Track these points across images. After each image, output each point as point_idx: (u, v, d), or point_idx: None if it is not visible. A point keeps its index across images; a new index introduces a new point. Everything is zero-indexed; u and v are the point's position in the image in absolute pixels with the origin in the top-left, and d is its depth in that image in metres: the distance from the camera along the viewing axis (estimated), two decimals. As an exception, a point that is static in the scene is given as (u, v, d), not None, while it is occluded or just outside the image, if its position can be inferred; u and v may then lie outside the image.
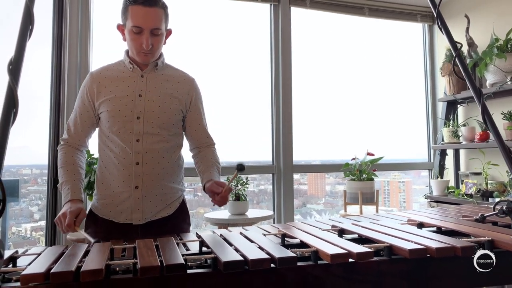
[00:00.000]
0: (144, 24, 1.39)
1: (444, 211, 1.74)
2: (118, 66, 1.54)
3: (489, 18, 3.14)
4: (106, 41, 2.99)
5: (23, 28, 0.66)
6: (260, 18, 3.44)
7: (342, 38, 3.68)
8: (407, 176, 4.02)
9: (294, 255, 0.92)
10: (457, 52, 0.91)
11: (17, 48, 0.64)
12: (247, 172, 3.19)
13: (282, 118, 3.32)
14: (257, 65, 3.41)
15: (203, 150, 1.64)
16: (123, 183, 1.46)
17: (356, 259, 0.93)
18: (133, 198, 1.46)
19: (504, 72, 2.80)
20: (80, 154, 1.54)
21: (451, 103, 3.45)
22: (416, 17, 3.79)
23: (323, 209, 3.77)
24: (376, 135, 3.67)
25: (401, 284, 1.00)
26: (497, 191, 2.87)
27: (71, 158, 1.49)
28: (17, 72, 0.62)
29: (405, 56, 3.90)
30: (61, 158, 1.50)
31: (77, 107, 1.54)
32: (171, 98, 1.51)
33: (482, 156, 3.04)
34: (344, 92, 3.62)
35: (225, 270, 0.88)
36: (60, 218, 1.35)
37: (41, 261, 0.94)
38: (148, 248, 1.01)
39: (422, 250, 0.97)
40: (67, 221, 1.32)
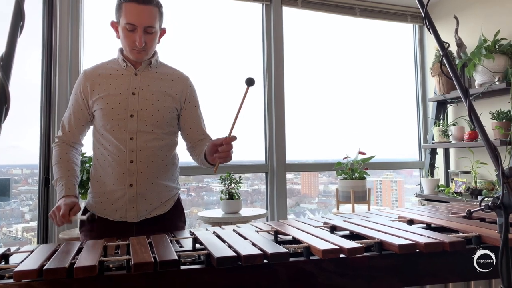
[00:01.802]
0: (137, 22, 1.39)
1: (434, 208, 1.77)
2: (112, 64, 1.54)
3: (477, 20, 3.19)
4: (97, 40, 2.98)
5: (14, 24, 0.66)
6: (252, 17, 3.45)
7: (334, 38, 3.71)
8: (399, 176, 4.07)
9: (287, 250, 0.93)
10: (445, 52, 0.93)
11: (8, 44, 0.64)
12: (240, 171, 3.20)
13: (275, 117, 3.34)
14: (249, 65, 3.42)
15: (200, 142, 1.60)
16: (117, 181, 1.46)
17: (347, 254, 0.95)
18: (128, 196, 1.47)
19: (492, 73, 2.85)
20: (74, 151, 1.54)
21: (441, 103, 3.49)
22: (406, 17, 3.83)
23: (316, 208, 3.80)
24: (367, 134, 3.70)
25: (391, 279, 1.02)
26: (486, 189, 2.92)
27: (66, 155, 1.49)
28: (8, 68, 0.62)
29: (396, 56, 3.94)
30: (55, 155, 1.50)
31: (71, 105, 1.53)
32: (165, 96, 1.52)
33: (471, 155, 3.09)
34: (335, 92, 3.65)
35: (218, 266, 0.89)
36: (54, 211, 1.34)
37: (33, 258, 0.94)
38: (142, 245, 1.02)
39: (412, 245, 1.00)
40: (62, 211, 1.31)
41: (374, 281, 1.01)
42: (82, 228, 1.51)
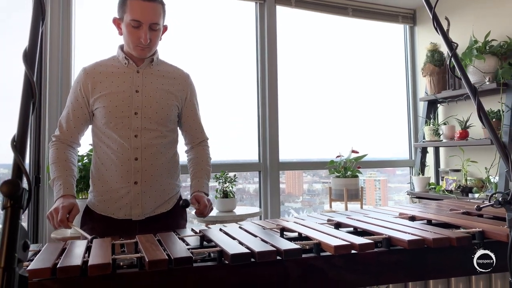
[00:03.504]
0: (143, 18, 1.39)
1: (426, 205, 1.80)
2: (112, 62, 1.52)
3: (468, 21, 3.26)
4: (89, 36, 2.93)
5: (35, 16, 0.66)
6: (245, 16, 3.45)
7: (327, 38, 3.73)
8: (382, 175, 4.13)
9: (300, 247, 0.94)
10: (453, 52, 0.95)
11: (31, 37, 0.63)
12: (234, 169, 3.20)
13: (268, 116, 3.35)
14: (243, 63, 3.41)
15: (196, 148, 1.65)
16: (121, 179, 1.45)
17: (358, 250, 0.96)
18: (133, 193, 1.46)
19: (482, 73, 2.91)
20: (72, 151, 1.51)
21: (431, 102, 3.55)
22: (397, 18, 3.88)
23: (301, 207, 3.82)
24: (359, 133, 3.74)
25: (398, 274, 1.04)
26: (476, 187, 2.99)
27: (63, 154, 1.47)
28: (33, 62, 0.61)
29: (387, 56, 3.99)
30: (52, 154, 1.47)
31: (70, 103, 1.51)
32: (168, 93, 1.52)
33: (462, 154, 3.15)
34: (328, 91, 3.68)
35: (233, 262, 0.89)
36: (52, 213, 1.32)
37: (43, 256, 0.92)
38: (151, 242, 1.01)
39: (420, 240, 1.01)
40: (60, 216, 1.29)
41: (382, 276, 1.03)
42: (83, 227, 1.49)
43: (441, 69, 3.38)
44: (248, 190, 3.60)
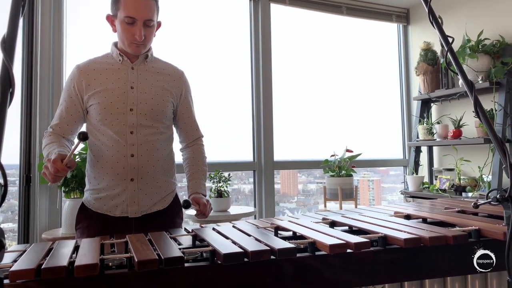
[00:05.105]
0: (137, 15, 1.38)
1: (420, 204, 1.79)
2: (106, 59, 1.51)
3: (461, 20, 3.26)
4: (80, 34, 2.89)
5: (15, 4, 0.63)
6: (240, 14, 3.43)
7: (321, 36, 3.72)
8: (376, 175, 4.14)
9: (294, 246, 0.92)
10: (449, 46, 0.93)
11: (9, 25, 0.60)
12: (229, 169, 3.17)
13: (263, 115, 3.33)
14: (237, 62, 3.39)
15: (191, 146, 1.64)
16: (117, 176, 1.43)
17: (354, 249, 0.94)
18: (129, 191, 1.44)
19: (475, 72, 2.92)
20: (66, 141, 1.48)
21: (425, 101, 3.56)
22: (391, 17, 3.89)
23: (295, 207, 3.81)
24: (353, 133, 3.74)
25: (395, 273, 1.02)
26: (469, 185, 2.99)
27: (58, 141, 1.43)
28: (11, 50, 0.58)
29: (381, 55, 3.99)
30: (46, 142, 1.43)
31: (63, 101, 1.49)
32: (163, 90, 1.51)
33: (455, 153, 3.16)
34: (322, 90, 3.67)
35: (225, 262, 0.87)
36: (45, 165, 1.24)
37: (28, 257, 0.89)
38: (142, 242, 0.99)
39: (416, 239, 1.00)
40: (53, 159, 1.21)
41: (378, 275, 1.01)
42: (78, 225, 1.46)
43: (435, 68, 3.38)
44: (244, 190, 3.57)
